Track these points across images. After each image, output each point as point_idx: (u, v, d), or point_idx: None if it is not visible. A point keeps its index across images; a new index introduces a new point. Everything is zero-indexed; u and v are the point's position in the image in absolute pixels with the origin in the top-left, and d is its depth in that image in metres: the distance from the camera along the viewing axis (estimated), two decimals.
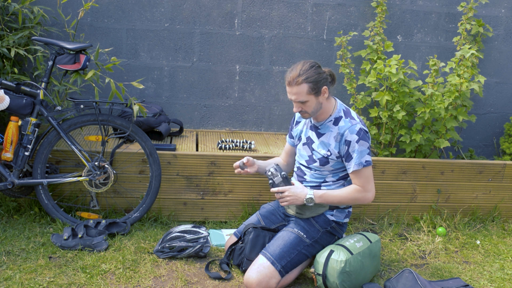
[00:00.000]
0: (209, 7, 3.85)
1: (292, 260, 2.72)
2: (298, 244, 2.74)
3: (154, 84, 3.94)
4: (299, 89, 2.63)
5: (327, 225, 2.83)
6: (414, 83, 3.65)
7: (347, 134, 2.70)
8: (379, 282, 2.90)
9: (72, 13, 3.66)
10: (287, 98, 4.07)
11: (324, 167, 2.79)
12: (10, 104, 2.97)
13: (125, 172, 3.31)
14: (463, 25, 3.81)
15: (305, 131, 2.90)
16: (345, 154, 2.73)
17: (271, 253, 2.69)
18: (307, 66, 2.65)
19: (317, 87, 2.65)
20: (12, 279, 2.62)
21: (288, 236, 2.76)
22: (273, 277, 2.65)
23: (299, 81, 2.62)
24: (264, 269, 2.65)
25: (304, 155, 2.88)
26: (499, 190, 3.74)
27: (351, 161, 2.72)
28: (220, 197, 3.43)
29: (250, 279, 2.65)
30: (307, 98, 2.65)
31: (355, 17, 4.01)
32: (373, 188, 2.77)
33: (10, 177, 3.08)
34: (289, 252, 2.71)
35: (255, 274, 2.64)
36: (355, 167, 2.71)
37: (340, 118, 2.76)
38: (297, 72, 2.63)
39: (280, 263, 2.67)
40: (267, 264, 2.66)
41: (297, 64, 2.69)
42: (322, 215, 2.83)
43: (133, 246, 3.02)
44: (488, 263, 3.21)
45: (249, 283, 2.65)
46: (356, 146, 2.70)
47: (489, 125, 4.37)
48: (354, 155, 2.71)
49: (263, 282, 2.63)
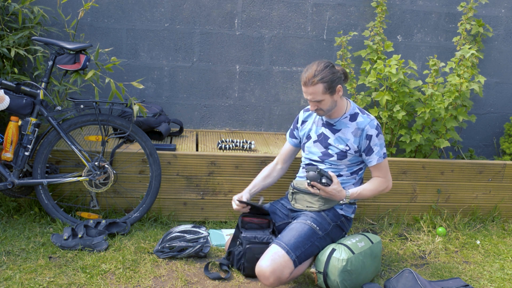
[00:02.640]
0: (209, 7, 3.85)
1: (306, 251, 2.72)
2: (312, 236, 2.75)
3: (154, 84, 3.94)
4: (315, 89, 2.73)
5: (337, 219, 2.88)
6: (414, 83, 3.65)
7: (368, 129, 2.84)
8: (379, 282, 2.90)
9: (72, 13, 3.66)
10: (287, 98, 4.09)
11: (342, 161, 2.89)
12: (10, 104, 2.97)
13: (125, 172, 3.31)
14: (463, 25, 3.81)
15: (316, 129, 2.97)
16: (366, 148, 2.86)
17: (286, 243, 2.68)
18: (322, 66, 2.75)
19: (332, 86, 2.75)
20: (12, 279, 2.62)
21: (302, 228, 2.76)
22: (287, 266, 2.64)
23: (315, 82, 2.72)
24: (279, 258, 2.63)
25: (316, 152, 2.94)
26: (499, 190, 3.74)
27: (372, 154, 2.86)
28: (220, 197, 3.43)
29: (263, 267, 2.61)
30: (323, 97, 2.76)
31: (355, 17, 4.01)
32: (391, 177, 2.97)
33: (10, 177, 3.08)
34: (304, 243, 2.71)
35: (269, 262, 2.61)
36: (379, 160, 2.86)
37: (357, 115, 2.88)
38: (312, 72, 2.73)
39: (295, 253, 2.67)
40: (282, 253, 2.64)
41: (311, 65, 2.78)
42: (332, 209, 2.88)
43: (133, 246, 3.02)
44: (488, 263, 3.21)
45: (262, 271, 2.61)
46: (377, 140, 2.85)
47: (489, 125, 4.37)
48: (376, 148, 2.85)
49: (277, 271, 2.61)
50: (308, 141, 2.99)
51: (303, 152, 3.06)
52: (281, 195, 3.27)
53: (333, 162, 2.89)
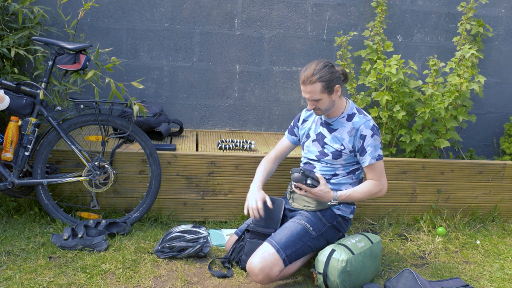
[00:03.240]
0: (209, 7, 3.85)
1: (297, 250, 2.73)
2: (304, 236, 2.76)
3: (154, 84, 3.94)
4: (313, 88, 2.74)
5: (333, 220, 2.88)
6: (414, 83, 3.65)
7: (362, 129, 2.82)
8: (379, 282, 2.90)
9: (72, 13, 3.66)
10: (287, 98, 4.09)
11: (337, 160, 2.88)
12: (10, 104, 2.97)
13: (125, 172, 3.31)
14: (463, 25, 3.81)
15: (314, 128, 2.97)
16: (359, 148, 2.84)
17: (277, 242, 2.70)
18: (321, 66, 2.75)
19: (330, 86, 2.75)
20: (12, 279, 2.62)
21: (295, 227, 2.77)
22: (276, 264, 2.66)
23: (313, 80, 2.72)
24: (268, 256, 2.65)
25: (314, 150, 2.95)
26: (499, 190, 3.74)
27: (365, 155, 2.84)
28: (220, 197, 3.43)
29: (253, 264, 2.64)
30: (321, 96, 2.76)
31: (355, 17, 4.01)
32: (386, 181, 2.92)
33: (10, 177, 3.08)
34: (295, 243, 2.72)
35: (259, 260, 2.64)
36: (371, 161, 2.83)
37: (354, 115, 2.88)
38: (311, 71, 2.73)
39: (285, 252, 2.68)
40: (272, 251, 2.67)
41: (311, 64, 2.78)
42: (329, 209, 2.88)
43: (133, 246, 3.02)
44: (488, 263, 3.21)
45: (251, 268, 2.65)
46: (371, 141, 2.82)
47: (489, 125, 4.37)
48: (369, 149, 2.82)
49: (266, 269, 2.63)
50: (307, 140, 3.00)
51: (302, 151, 3.07)
52: (281, 195, 3.27)
53: (328, 161, 2.89)
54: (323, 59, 2.81)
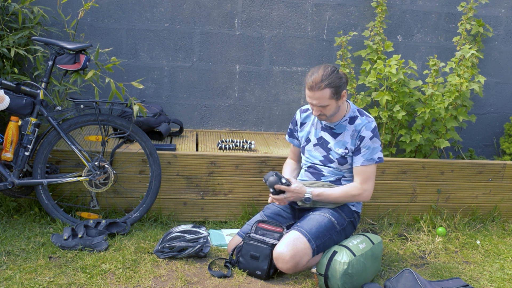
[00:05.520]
0: (209, 7, 3.85)
1: (325, 242, 2.71)
2: (331, 229, 2.75)
3: (154, 84, 3.94)
4: (322, 94, 2.67)
5: (351, 215, 2.89)
6: (414, 83, 3.65)
7: (362, 130, 2.80)
8: (379, 282, 2.90)
9: (72, 13, 3.66)
10: (287, 98, 4.09)
11: (343, 166, 2.86)
12: (10, 104, 2.97)
13: (125, 172, 3.31)
14: (463, 25, 3.81)
15: (314, 132, 2.94)
16: (355, 148, 2.81)
17: (308, 231, 2.66)
18: (329, 71, 2.68)
19: (338, 91, 2.70)
20: (12, 279, 2.62)
21: (322, 219, 2.75)
22: (306, 254, 2.64)
23: (322, 86, 2.66)
24: (300, 244, 2.63)
25: (317, 156, 2.92)
26: (499, 190, 3.74)
27: (358, 155, 2.80)
28: (220, 197, 3.43)
29: (284, 251, 2.61)
30: (329, 102, 2.70)
31: (355, 17, 4.01)
32: (371, 187, 2.83)
33: (10, 177, 3.08)
34: (323, 234, 2.70)
35: (291, 247, 2.61)
36: (363, 163, 2.78)
37: (356, 117, 2.85)
38: (320, 77, 2.66)
39: (316, 242, 2.67)
40: (303, 240, 2.64)
41: (317, 69, 2.71)
42: (346, 206, 2.89)
43: (133, 246, 3.02)
44: (488, 263, 3.21)
45: (281, 254, 2.61)
46: (369, 143, 2.79)
47: (489, 125, 4.37)
48: (364, 151, 2.79)
49: (297, 256, 2.60)
50: (307, 144, 2.97)
51: (303, 154, 3.04)
52: None
53: (334, 167, 2.89)
54: (329, 64, 2.76)
